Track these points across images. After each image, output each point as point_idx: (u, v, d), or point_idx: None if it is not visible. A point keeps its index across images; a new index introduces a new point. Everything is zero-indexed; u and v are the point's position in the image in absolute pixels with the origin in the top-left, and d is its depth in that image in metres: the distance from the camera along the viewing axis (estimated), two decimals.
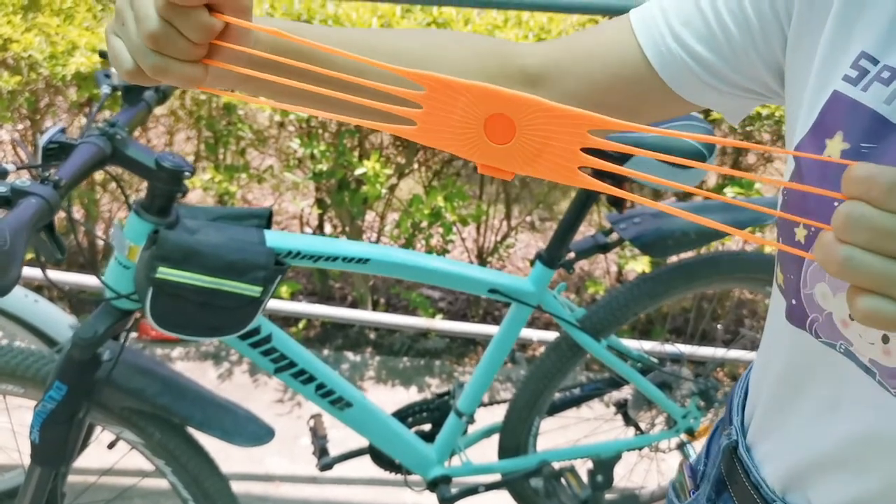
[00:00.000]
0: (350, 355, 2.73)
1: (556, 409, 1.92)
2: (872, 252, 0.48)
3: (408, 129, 0.55)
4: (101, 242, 2.86)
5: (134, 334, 2.62)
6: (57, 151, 1.19)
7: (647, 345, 2.23)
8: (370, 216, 2.86)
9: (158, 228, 1.28)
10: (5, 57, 2.47)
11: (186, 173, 1.25)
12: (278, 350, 1.50)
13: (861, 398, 0.60)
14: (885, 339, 0.58)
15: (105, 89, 1.37)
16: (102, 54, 1.49)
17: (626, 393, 1.99)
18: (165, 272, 1.26)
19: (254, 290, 1.32)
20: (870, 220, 0.48)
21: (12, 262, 0.93)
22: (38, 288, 2.64)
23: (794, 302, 0.65)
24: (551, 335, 2.46)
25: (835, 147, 0.60)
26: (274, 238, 1.39)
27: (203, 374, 2.58)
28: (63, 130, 1.20)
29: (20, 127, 2.71)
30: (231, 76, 0.66)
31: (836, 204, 0.59)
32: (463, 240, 2.88)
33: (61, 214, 1.14)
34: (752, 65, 0.68)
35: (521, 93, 0.53)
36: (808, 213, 0.63)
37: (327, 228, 2.89)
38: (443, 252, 2.68)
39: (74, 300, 2.57)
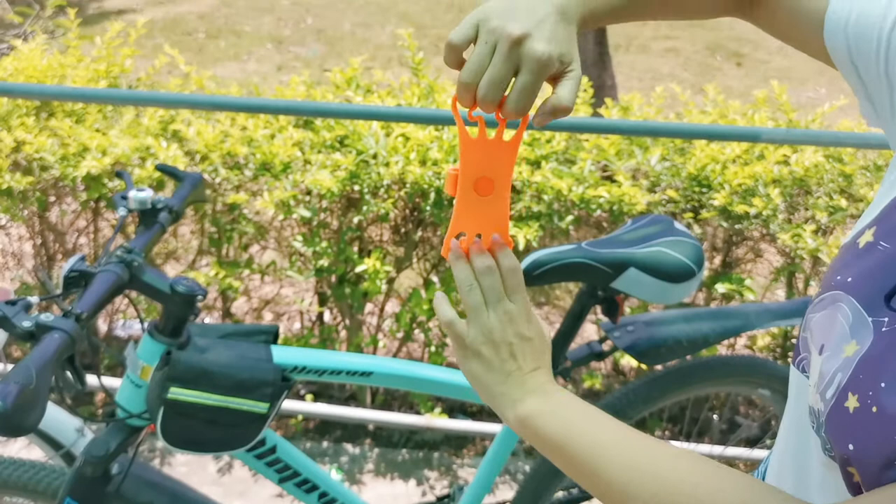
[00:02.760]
0: (349, 447, 2.75)
1: None
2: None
3: (468, 135, 0.80)
4: (103, 335, 2.90)
5: None
6: (77, 279, 1.25)
7: None
8: (369, 306, 2.91)
9: (171, 349, 1.34)
10: (18, 158, 2.56)
11: (199, 297, 1.31)
12: (283, 461, 1.53)
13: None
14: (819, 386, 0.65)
15: (121, 212, 1.43)
16: (118, 174, 1.57)
17: None
18: (177, 392, 1.31)
19: (261, 407, 1.37)
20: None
21: (38, 400, 0.98)
22: None
23: (797, 344, 0.74)
24: None
25: (865, 238, 0.69)
26: (280, 354, 1.44)
27: (203, 468, 2.60)
28: (83, 258, 1.27)
29: (28, 221, 2.78)
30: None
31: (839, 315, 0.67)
32: None
33: None
34: (882, 79, 0.74)
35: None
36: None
37: (327, 317, 2.94)
38: (441, 345, 2.72)
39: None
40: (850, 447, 0.59)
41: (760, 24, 0.91)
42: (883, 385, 0.58)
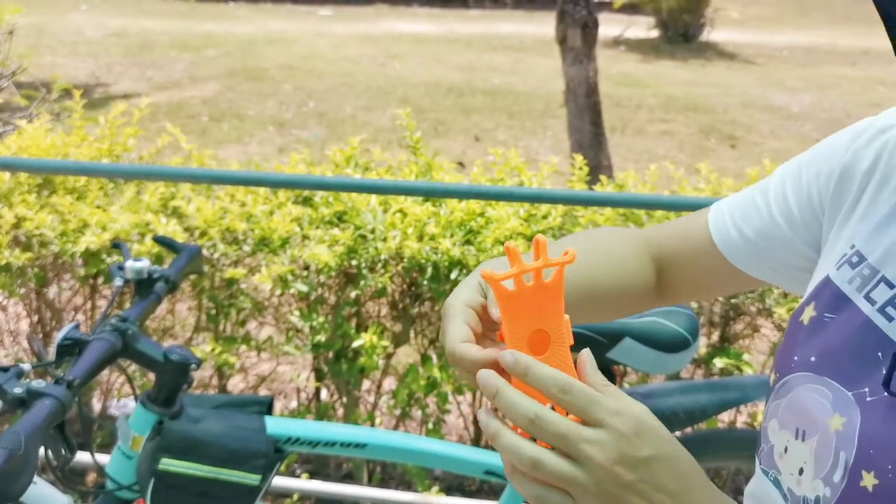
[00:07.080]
0: None
1: None
2: (556, 453, 0.57)
3: (506, 290, 0.69)
4: (96, 408, 2.87)
5: None
6: (71, 347, 1.25)
7: None
8: (366, 383, 2.89)
9: (163, 419, 1.32)
10: (18, 234, 2.58)
11: (193, 366, 1.31)
12: None
13: None
14: (800, 472, 0.66)
15: (118, 282, 1.44)
16: (116, 244, 1.58)
17: None
18: (168, 463, 1.29)
19: (253, 479, 1.35)
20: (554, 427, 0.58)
21: (26, 467, 0.97)
22: None
23: (760, 436, 0.74)
24: None
25: (808, 314, 0.71)
26: (274, 425, 1.43)
27: None
28: (77, 327, 1.27)
29: (25, 298, 2.78)
30: None
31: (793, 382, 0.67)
32: (458, 404, 2.90)
33: None
34: (796, 248, 0.80)
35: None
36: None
37: (323, 395, 2.91)
38: (438, 422, 2.69)
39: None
40: None
41: (679, 298, 0.95)
42: None
